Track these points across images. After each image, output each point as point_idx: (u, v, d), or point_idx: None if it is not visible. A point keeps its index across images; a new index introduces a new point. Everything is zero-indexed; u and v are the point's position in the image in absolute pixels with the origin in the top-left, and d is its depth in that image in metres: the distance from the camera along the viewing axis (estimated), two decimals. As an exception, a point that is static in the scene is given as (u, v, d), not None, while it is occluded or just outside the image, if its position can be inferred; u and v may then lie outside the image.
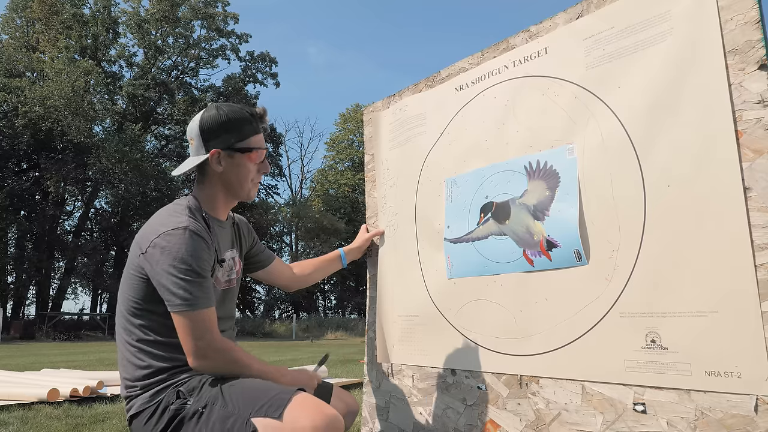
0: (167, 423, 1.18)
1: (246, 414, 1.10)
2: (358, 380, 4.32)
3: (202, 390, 1.20)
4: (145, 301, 1.25)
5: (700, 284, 1.14)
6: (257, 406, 1.11)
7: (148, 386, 1.24)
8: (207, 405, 1.16)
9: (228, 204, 1.43)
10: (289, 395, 1.12)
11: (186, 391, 1.20)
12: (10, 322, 18.76)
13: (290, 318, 22.80)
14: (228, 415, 1.12)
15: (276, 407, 1.09)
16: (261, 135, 1.40)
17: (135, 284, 1.26)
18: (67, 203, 24.84)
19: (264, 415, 1.09)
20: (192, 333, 1.19)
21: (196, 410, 1.16)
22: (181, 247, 1.19)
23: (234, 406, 1.13)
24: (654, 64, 1.27)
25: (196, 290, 1.19)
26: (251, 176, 1.39)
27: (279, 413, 1.08)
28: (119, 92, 25.98)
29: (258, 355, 9.07)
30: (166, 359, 1.25)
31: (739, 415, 1.07)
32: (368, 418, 1.92)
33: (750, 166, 1.10)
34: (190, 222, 1.24)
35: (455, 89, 1.77)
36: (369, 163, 2.09)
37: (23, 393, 3.44)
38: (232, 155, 1.35)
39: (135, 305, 1.26)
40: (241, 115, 1.35)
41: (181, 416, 1.18)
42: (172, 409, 1.19)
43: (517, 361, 1.47)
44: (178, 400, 1.20)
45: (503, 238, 1.53)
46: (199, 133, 1.35)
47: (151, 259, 1.21)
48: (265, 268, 1.66)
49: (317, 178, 37.02)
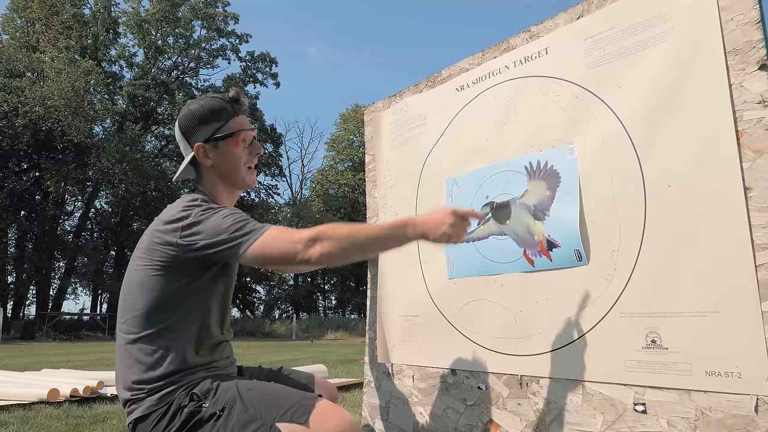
0: (181, 425, 1.15)
1: (270, 419, 1.10)
2: (359, 380, 4.32)
3: (218, 392, 1.18)
4: (164, 295, 1.21)
5: (701, 284, 1.14)
6: (281, 411, 1.11)
7: (157, 389, 1.20)
8: (225, 408, 1.14)
9: (230, 197, 1.40)
10: (312, 401, 1.13)
11: (200, 394, 1.18)
12: (11, 322, 18.75)
13: (290, 318, 22.80)
14: (250, 420, 1.11)
15: (301, 413, 1.10)
16: (242, 117, 1.36)
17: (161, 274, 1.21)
18: (68, 203, 24.84)
19: (289, 420, 1.09)
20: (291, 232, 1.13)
21: (213, 413, 1.14)
22: (211, 204, 1.22)
23: (256, 411, 1.12)
24: (654, 64, 1.27)
25: (251, 220, 1.18)
26: (243, 161, 1.35)
27: (305, 419, 1.09)
28: (119, 92, 25.98)
29: (258, 354, 9.01)
30: (178, 360, 1.21)
31: (740, 415, 1.07)
32: (369, 418, 1.92)
33: (750, 166, 1.10)
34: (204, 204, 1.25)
35: (456, 89, 1.77)
36: (369, 163, 2.09)
37: (23, 393, 3.44)
38: (216, 145, 1.32)
39: (152, 304, 1.22)
40: (215, 103, 1.33)
41: (197, 419, 1.15)
42: (187, 411, 1.16)
43: (518, 361, 1.47)
44: (191, 402, 1.17)
45: (504, 238, 1.54)
46: (181, 133, 1.34)
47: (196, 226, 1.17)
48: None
49: (317, 178, 37.02)
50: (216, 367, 1.30)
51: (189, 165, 1.36)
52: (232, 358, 1.42)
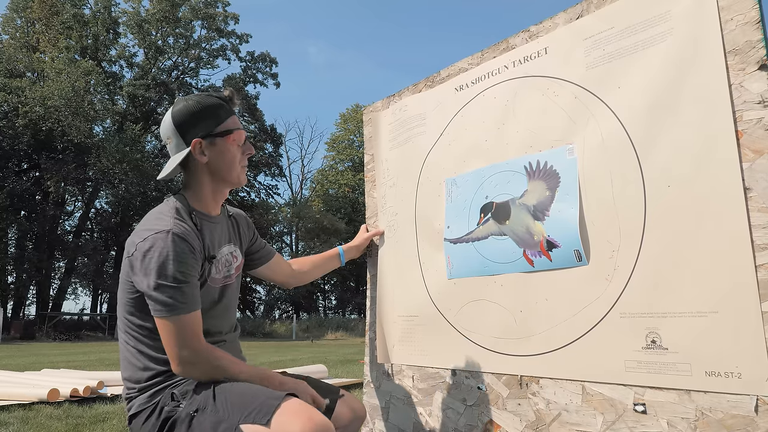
0: (161, 426, 1.18)
1: (235, 420, 1.09)
2: (359, 380, 4.32)
3: (194, 393, 1.19)
4: (140, 304, 1.24)
5: (701, 284, 1.14)
6: (246, 412, 1.09)
7: (146, 388, 1.24)
8: (198, 409, 1.15)
9: (217, 196, 1.39)
10: (278, 401, 1.10)
11: (179, 394, 1.20)
12: (11, 322, 18.77)
13: (290, 318, 22.80)
14: (219, 421, 1.11)
15: (264, 413, 1.07)
16: (235, 116, 1.38)
17: (127, 288, 1.25)
18: (68, 203, 24.85)
19: (252, 422, 1.07)
20: (174, 339, 1.17)
21: (187, 413, 1.15)
22: (162, 252, 1.17)
23: (225, 412, 1.11)
24: (654, 64, 1.27)
25: (177, 295, 1.17)
26: (237, 159, 1.36)
27: (267, 419, 1.06)
28: (119, 92, 25.99)
29: (258, 354, 8.99)
30: (164, 361, 1.24)
31: (740, 416, 1.07)
32: (368, 418, 1.91)
33: (750, 167, 1.10)
34: (175, 224, 1.22)
35: (455, 89, 1.77)
36: (369, 163, 2.09)
37: (23, 393, 3.44)
38: (214, 142, 1.32)
39: (131, 307, 1.26)
40: (213, 101, 1.33)
41: (173, 419, 1.17)
42: (166, 410, 1.18)
43: (517, 362, 1.47)
44: (171, 402, 1.19)
45: (503, 239, 1.53)
46: (174, 129, 1.32)
47: (135, 263, 1.20)
48: (265, 264, 1.65)
49: (317, 178, 37.03)
50: None
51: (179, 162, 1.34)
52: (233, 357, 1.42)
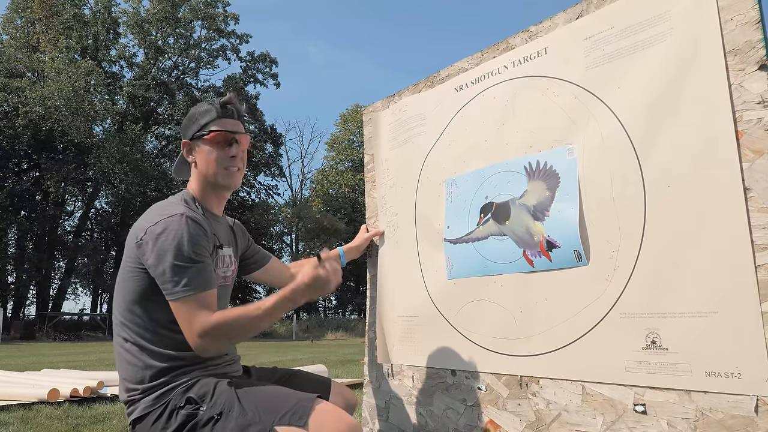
0: (178, 428, 1.16)
1: (269, 423, 1.10)
2: (358, 380, 4.32)
3: (215, 395, 1.18)
4: (145, 296, 1.23)
5: (701, 285, 1.14)
6: (280, 414, 1.10)
7: (151, 389, 1.22)
8: (222, 412, 1.14)
9: (216, 196, 1.41)
10: (311, 403, 1.12)
11: (197, 397, 1.18)
12: (11, 322, 18.77)
13: (290, 318, 22.80)
14: (248, 423, 1.11)
15: (300, 415, 1.09)
16: (228, 120, 1.37)
17: (135, 276, 1.24)
18: (68, 203, 24.86)
19: (288, 424, 1.09)
20: (194, 318, 1.16)
21: (210, 417, 1.14)
22: (177, 233, 1.18)
23: (255, 414, 1.12)
24: (654, 64, 1.26)
25: (195, 275, 1.18)
26: (218, 160, 1.35)
27: (304, 421, 1.08)
28: (119, 92, 26.00)
29: (258, 355, 9.03)
30: (166, 357, 1.23)
31: (740, 416, 1.07)
32: (368, 418, 1.91)
33: (750, 167, 1.10)
34: (186, 209, 1.25)
35: (455, 89, 1.77)
36: (369, 163, 2.09)
37: (23, 393, 3.44)
38: (197, 144, 1.37)
39: (134, 301, 1.24)
40: (204, 106, 1.39)
41: (194, 422, 1.16)
42: (183, 414, 1.17)
43: (517, 362, 1.46)
44: (188, 405, 1.17)
45: (503, 239, 1.53)
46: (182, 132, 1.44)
47: (147, 247, 1.20)
48: (262, 268, 1.65)
49: (317, 178, 37.04)
50: (213, 366, 1.30)
51: (184, 164, 1.44)
52: (233, 356, 1.42)
